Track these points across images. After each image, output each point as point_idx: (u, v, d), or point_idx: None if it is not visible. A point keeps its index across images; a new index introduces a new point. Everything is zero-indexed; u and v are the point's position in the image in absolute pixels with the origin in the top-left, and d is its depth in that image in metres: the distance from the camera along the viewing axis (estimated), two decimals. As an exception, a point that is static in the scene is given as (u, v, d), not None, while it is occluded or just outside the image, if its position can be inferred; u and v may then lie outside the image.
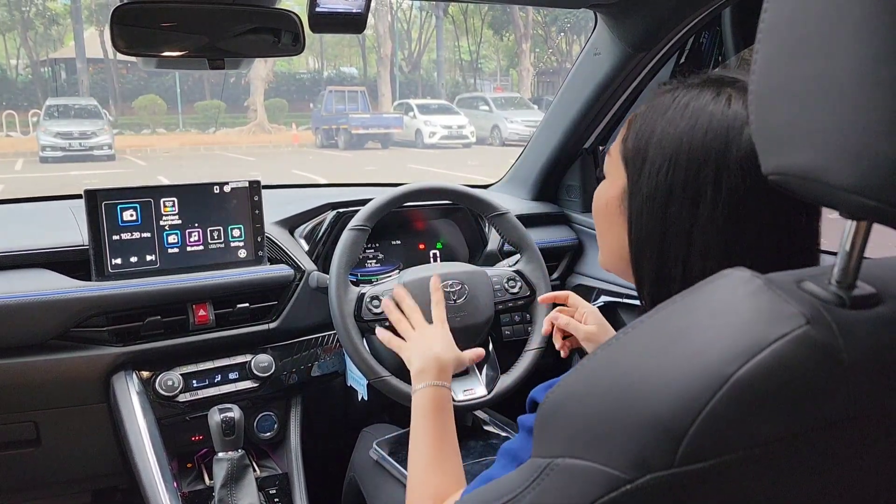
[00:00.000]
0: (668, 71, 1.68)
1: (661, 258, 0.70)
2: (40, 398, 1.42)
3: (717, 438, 0.43)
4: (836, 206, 0.46)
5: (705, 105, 0.67)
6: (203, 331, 1.51)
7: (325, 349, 1.65)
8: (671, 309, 0.51)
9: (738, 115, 0.66)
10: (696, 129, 0.66)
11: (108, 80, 26.94)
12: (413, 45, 33.29)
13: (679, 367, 0.45)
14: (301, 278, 1.59)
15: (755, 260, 0.62)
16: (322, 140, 20.06)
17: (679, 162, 0.67)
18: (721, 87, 0.68)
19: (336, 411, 1.78)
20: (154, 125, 23.65)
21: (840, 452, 0.47)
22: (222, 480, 1.36)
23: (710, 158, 0.65)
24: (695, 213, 0.66)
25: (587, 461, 0.48)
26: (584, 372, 0.53)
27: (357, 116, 19.34)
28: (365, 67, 32.34)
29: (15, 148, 17.77)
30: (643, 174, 0.70)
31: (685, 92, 0.69)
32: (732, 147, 0.65)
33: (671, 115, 0.68)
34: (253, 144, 20.26)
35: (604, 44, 1.57)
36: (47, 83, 27.63)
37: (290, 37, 1.33)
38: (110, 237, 1.45)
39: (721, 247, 0.66)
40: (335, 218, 1.67)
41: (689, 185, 0.66)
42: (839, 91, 0.42)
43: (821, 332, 0.44)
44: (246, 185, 1.57)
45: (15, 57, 29.82)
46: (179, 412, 1.48)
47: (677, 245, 0.68)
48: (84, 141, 15.92)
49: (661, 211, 0.69)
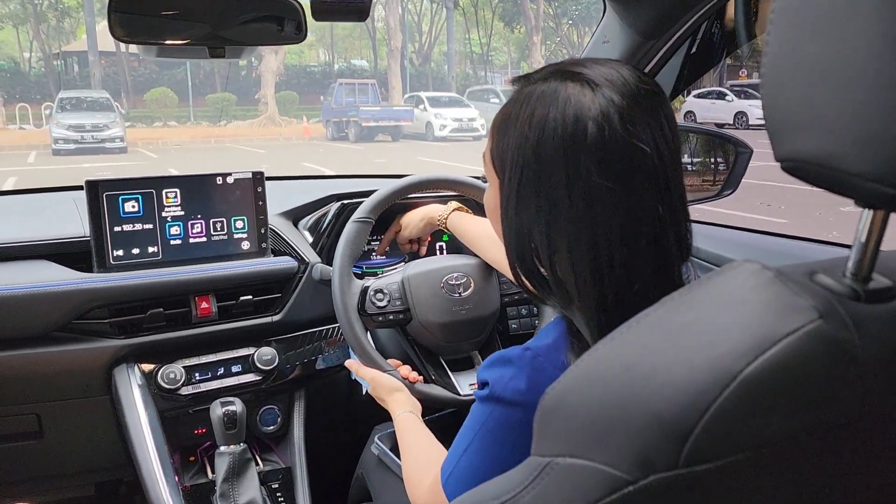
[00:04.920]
0: (678, 59, 1.65)
1: (528, 261, 0.74)
2: (42, 390, 1.42)
3: (724, 438, 0.41)
4: (852, 195, 0.45)
5: (548, 112, 0.68)
6: (206, 323, 1.50)
7: (328, 342, 1.64)
8: (677, 301, 0.49)
9: (580, 113, 0.67)
10: (544, 139, 0.68)
11: (119, 73, 27.09)
12: (424, 38, 33.25)
13: (685, 363, 0.43)
14: (305, 270, 1.58)
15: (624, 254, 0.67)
16: (332, 133, 20.12)
17: (530, 169, 0.69)
18: (565, 83, 0.69)
19: (340, 405, 1.77)
20: (165, 118, 23.79)
21: (853, 453, 0.45)
22: (224, 474, 1.35)
23: (559, 164, 0.67)
24: (553, 215, 0.69)
25: (588, 461, 0.46)
26: (585, 367, 0.51)
27: (367, 109, 19.38)
28: (375, 60, 32.34)
29: (28, 141, 17.93)
30: (504, 180, 0.73)
31: (531, 93, 0.71)
32: (580, 150, 0.66)
33: (520, 125, 0.70)
34: (263, 137, 20.36)
35: (613, 32, 1.54)
36: (60, 76, 27.81)
37: (293, 25, 1.32)
38: (112, 228, 1.43)
39: (585, 244, 0.68)
40: (339, 209, 1.65)
41: (542, 190, 0.69)
42: (855, 72, 0.40)
43: (834, 326, 0.42)
44: (249, 176, 1.55)
45: (28, 50, 30.04)
46: (182, 405, 1.46)
47: (541, 247, 0.71)
48: (96, 133, 16.04)
49: (522, 215, 0.72)
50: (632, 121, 0.67)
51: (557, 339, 0.75)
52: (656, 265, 0.69)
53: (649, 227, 0.68)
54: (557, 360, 0.73)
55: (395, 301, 1.39)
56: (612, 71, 0.70)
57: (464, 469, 0.78)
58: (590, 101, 0.67)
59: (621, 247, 0.67)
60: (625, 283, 0.68)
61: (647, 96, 0.69)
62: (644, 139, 0.67)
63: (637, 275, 0.68)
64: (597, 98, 0.67)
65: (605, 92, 0.67)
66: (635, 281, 0.68)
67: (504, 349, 0.78)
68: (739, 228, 1.64)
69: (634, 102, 0.67)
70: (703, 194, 1.74)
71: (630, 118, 0.67)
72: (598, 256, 0.68)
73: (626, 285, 0.68)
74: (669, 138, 0.69)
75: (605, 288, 0.68)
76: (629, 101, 0.67)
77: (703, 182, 1.82)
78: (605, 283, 0.68)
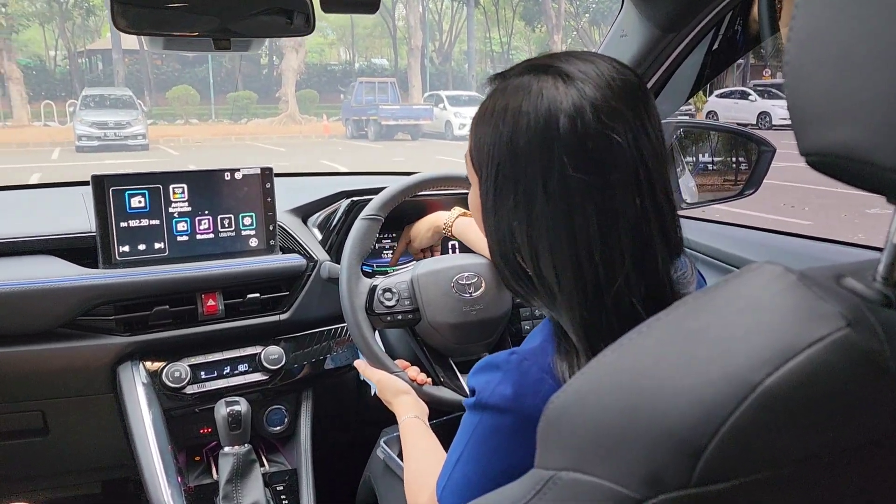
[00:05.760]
0: (699, 55, 1.61)
1: (511, 260, 0.73)
2: (47, 387, 1.41)
3: (740, 456, 0.38)
4: (883, 191, 0.42)
5: (521, 105, 0.68)
6: (212, 321, 1.48)
7: (338, 341, 1.61)
8: (691, 305, 0.46)
9: (553, 106, 0.66)
10: (517, 133, 0.68)
11: (143, 70, 27.42)
12: (444, 37, 33.31)
13: (699, 373, 0.40)
14: (314, 268, 1.56)
15: (602, 249, 0.66)
16: (352, 131, 20.24)
17: (506, 165, 0.69)
18: (539, 76, 0.69)
19: (348, 406, 1.75)
20: (187, 115, 24.06)
21: (882, 472, 0.42)
22: (227, 475, 1.33)
23: (534, 158, 0.67)
24: (531, 211, 0.68)
25: (594, 476, 0.43)
26: (591, 375, 0.48)
27: (387, 108, 19.47)
28: (396, 59, 32.44)
29: (52, 137, 18.22)
30: (482, 179, 0.73)
31: (505, 88, 0.71)
32: (553, 143, 0.66)
33: (495, 120, 0.70)
34: (284, 135, 20.54)
35: (631, 24, 1.50)
36: (84, 74, 28.21)
37: (302, 17, 1.30)
38: (118, 224, 1.42)
39: (564, 239, 0.67)
40: (349, 206, 1.63)
41: (518, 186, 0.69)
42: (889, 57, 0.37)
43: (863, 335, 0.39)
44: (258, 172, 1.53)
45: (53, 48, 30.50)
46: (187, 404, 1.45)
47: (523, 244, 0.70)
48: (119, 131, 16.28)
49: (501, 212, 0.71)
50: (607, 114, 0.66)
51: (544, 342, 0.74)
52: (637, 259, 0.68)
53: (628, 221, 0.67)
54: (544, 363, 0.72)
55: (404, 301, 1.36)
56: (588, 64, 0.70)
57: (457, 481, 0.77)
58: (562, 94, 0.67)
59: (600, 241, 0.67)
60: (605, 277, 0.67)
61: (626, 89, 0.69)
62: (620, 132, 0.66)
63: (617, 269, 0.67)
64: (570, 91, 0.67)
65: (578, 85, 0.67)
66: (616, 275, 0.67)
67: (491, 354, 0.77)
68: (757, 228, 1.59)
69: (610, 95, 0.67)
70: (724, 194, 1.70)
71: (604, 111, 0.66)
72: (578, 251, 0.67)
73: (606, 280, 0.67)
74: (650, 132, 0.69)
75: (587, 283, 0.68)
76: (604, 93, 0.67)
77: (724, 181, 1.78)
78: (586, 278, 0.68)
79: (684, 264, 0.77)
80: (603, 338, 0.66)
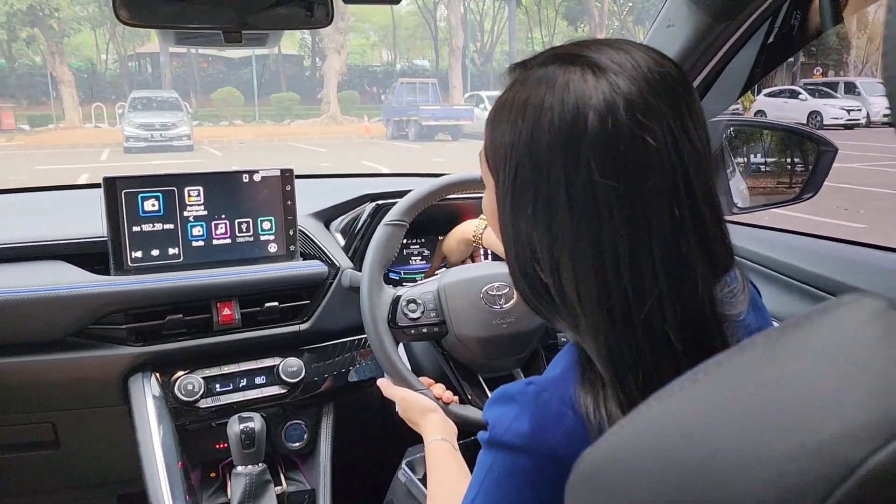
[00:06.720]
0: (753, 49, 1.48)
1: (531, 275, 0.65)
2: (57, 398, 1.36)
3: None
4: None
5: (544, 99, 0.59)
6: (228, 331, 1.41)
7: (362, 353, 1.53)
8: (764, 348, 0.36)
9: (580, 102, 0.57)
10: (538, 132, 0.59)
11: (189, 73, 27.95)
12: (485, 37, 33.24)
13: (775, 443, 0.31)
14: (336, 276, 1.47)
15: (632, 265, 0.58)
16: (393, 131, 20.32)
17: (525, 167, 0.61)
18: (565, 67, 0.60)
19: (372, 422, 1.66)
20: (231, 117, 24.45)
21: None
22: (239, 497, 1.25)
23: (557, 161, 0.58)
24: (553, 220, 0.60)
25: None
26: (632, 429, 0.39)
27: (427, 108, 19.50)
28: (437, 59, 32.47)
29: (102, 139, 18.69)
30: (499, 182, 0.65)
31: (526, 80, 0.62)
32: (579, 144, 0.57)
33: (513, 116, 0.62)
34: (325, 136, 20.71)
35: (679, 13, 1.38)
36: (134, 77, 28.93)
37: (322, 10, 1.22)
38: (130, 228, 1.35)
39: (589, 253, 0.59)
40: (374, 210, 1.54)
41: (539, 191, 0.60)
42: None
43: None
44: (278, 174, 1.45)
45: (104, 52, 31.34)
46: (201, 419, 1.37)
47: (543, 257, 0.62)
48: (165, 132, 16.61)
49: (520, 221, 0.63)
50: (643, 111, 0.57)
51: (566, 370, 0.65)
52: (672, 279, 0.58)
53: (663, 236, 0.58)
54: (565, 395, 0.62)
55: (430, 312, 1.27)
56: (622, 54, 0.60)
57: None
58: (592, 87, 0.58)
59: (629, 257, 0.58)
60: (634, 299, 0.58)
61: (665, 83, 0.59)
62: (657, 133, 0.57)
63: (648, 291, 0.58)
64: (600, 84, 0.58)
65: (610, 77, 0.58)
66: (647, 297, 0.58)
67: (508, 384, 0.68)
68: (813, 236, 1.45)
69: (647, 90, 0.58)
70: (779, 197, 1.57)
71: (640, 108, 0.57)
72: (604, 268, 0.58)
73: (635, 302, 0.58)
74: (692, 133, 0.59)
75: (613, 305, 0.59)
76: (639, 87, 0.58)
77: (778, 184, 1.66)
78: (612, 298, 0.59)
79: (734, 278, 0.67)
80: (631, 368, 0.58)
